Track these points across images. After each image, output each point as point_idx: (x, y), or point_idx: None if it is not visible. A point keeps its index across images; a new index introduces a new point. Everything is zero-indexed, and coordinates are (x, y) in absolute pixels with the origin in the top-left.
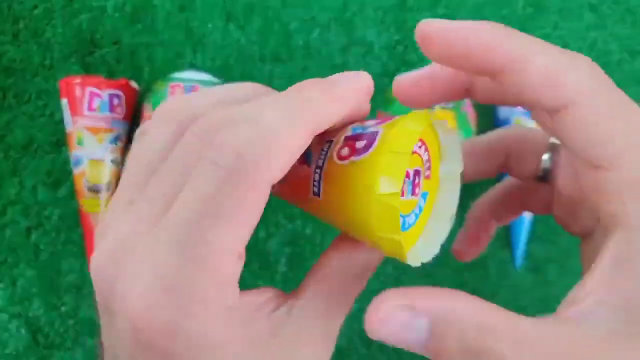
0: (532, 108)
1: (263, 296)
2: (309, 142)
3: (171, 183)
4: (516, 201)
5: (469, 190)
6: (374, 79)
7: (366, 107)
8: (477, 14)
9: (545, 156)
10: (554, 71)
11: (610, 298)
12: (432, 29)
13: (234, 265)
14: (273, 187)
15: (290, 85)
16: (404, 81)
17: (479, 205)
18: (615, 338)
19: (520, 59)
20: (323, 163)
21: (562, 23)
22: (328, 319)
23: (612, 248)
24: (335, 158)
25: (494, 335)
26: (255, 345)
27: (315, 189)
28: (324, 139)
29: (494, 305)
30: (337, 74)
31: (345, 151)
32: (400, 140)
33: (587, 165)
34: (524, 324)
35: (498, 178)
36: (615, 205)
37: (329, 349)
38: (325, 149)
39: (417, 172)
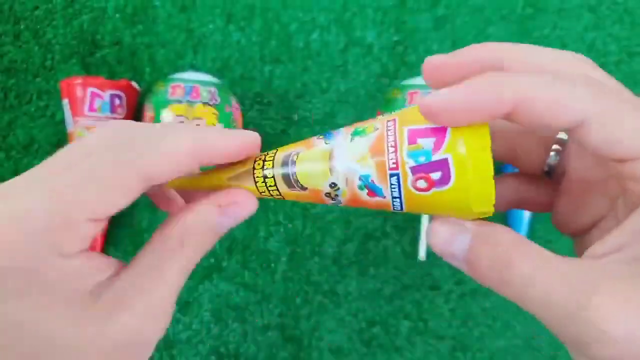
0: (550, 134)
1: (91, 264)
2: (189, 159)
3: None
4: (514, 195)
5: None
6: (373, 79)
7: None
8: (477, 14)
9: (552, 152)
10: (558, 101)
11: (632, 249)
12: (430, 106)
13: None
14: None
15: (290, 86)
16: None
17: None
18: (635, 279)
19: (526, 100)
20: (400, 194)
21: (561, 23)
22: (147, 287)
23: (634, 221)
24: (413, 190)
25: (521, 254)
26: (75, 309)
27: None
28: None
29: (526, 238)
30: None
31: (423, 184)
32: (478, 165)
33: (610, 160)
34: (549, 253)
35: (500, 169)
36: None
37: (153, 315)
38: (395, 182)
39: None
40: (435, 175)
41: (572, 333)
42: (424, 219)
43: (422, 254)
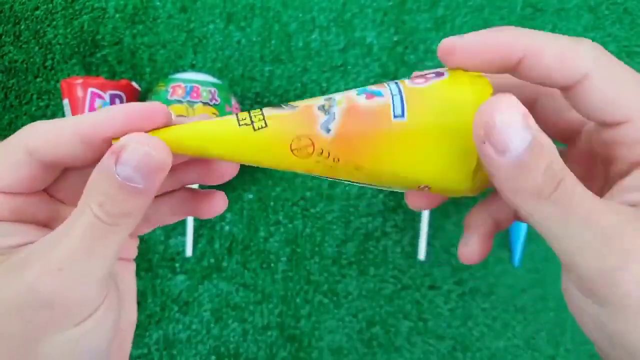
0: (552, 87)
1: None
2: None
3: None
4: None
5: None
6: (373, 79)
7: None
8: (477, 15)
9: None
10: (564, 53)
11: None
12: (453, 43)
13: None
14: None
15: (290, 86)
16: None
17: (478, 210)
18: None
19: (536, 49)
20: (400, 91)
21: (560, 24)
22: (48, 247)
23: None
24: (411, 85)
25: (572, 176)
26: None
27: (399, 111)
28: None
29: None
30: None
31: (420, 80)
32: (473, 76)
33: (604, 126)
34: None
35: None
36: (634, 151)
37: (52, 272)
38: (394, 84)
39: None
40: (430, 74)
41: (598, 284)
42: (424, 219)
43: (422, 254)
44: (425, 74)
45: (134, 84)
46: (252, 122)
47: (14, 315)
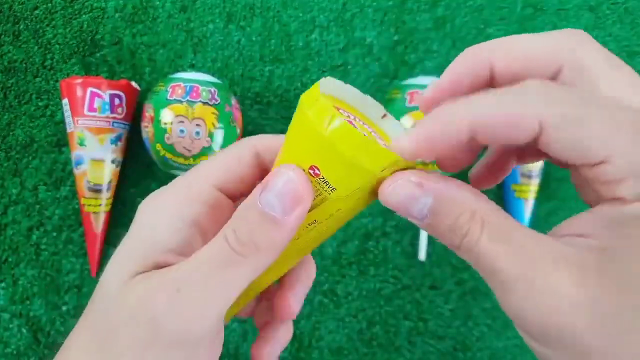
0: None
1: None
2: None
3: None
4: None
5: None
6: (373, 79)
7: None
8: (477, 15)
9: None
10: (510, 115)
11: (586, 240)
12: (399, 144)
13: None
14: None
15: (290, 86)
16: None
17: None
18: (587, 270)
19: (482, 123)
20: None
21: (560, 24)
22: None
23: (601, 212)
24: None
25: (481, 224)
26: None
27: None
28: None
29: (495, 206)
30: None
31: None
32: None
33: (577, 165)
34: (512, 223)
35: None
36: (613, 190)
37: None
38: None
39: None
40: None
41: (520, 305)
42: None
43: (422, 254)
44: None
45: (133, 83)
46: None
47: (127, 327)
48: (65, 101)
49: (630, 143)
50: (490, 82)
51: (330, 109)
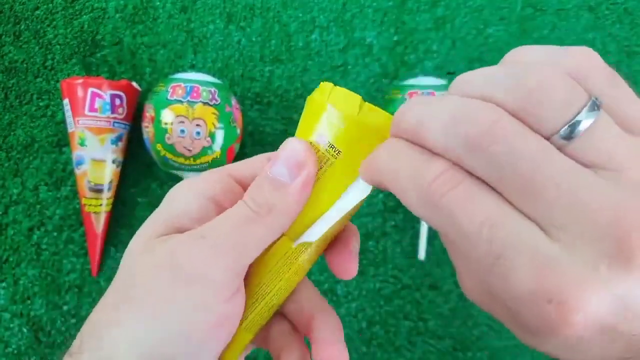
0: None
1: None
2: None
3: None
4: None
5: None
6: (373, 79)
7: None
8: (477, 15)
9: None
10: None
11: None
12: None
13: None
14: None
15: (290, 86)
16: None
17: None
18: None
19: None
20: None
21: (560, 24)
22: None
23: None
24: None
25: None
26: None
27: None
28: None
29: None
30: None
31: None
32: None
33: None
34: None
35: None
36: None
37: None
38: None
39: None
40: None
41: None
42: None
43: (421, 254)
44: None
45: (134, 84)
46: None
47: (151, 272)
48: (66, 101)
49: None
50: None
51: (329, 86)
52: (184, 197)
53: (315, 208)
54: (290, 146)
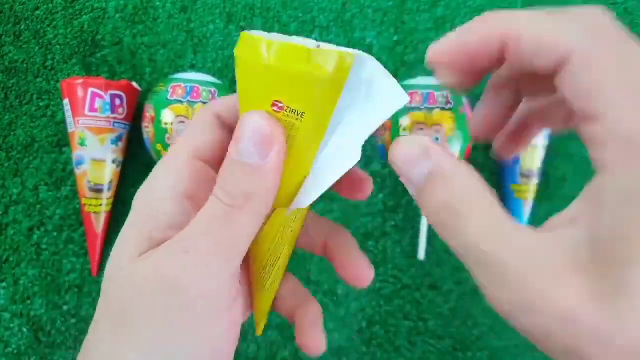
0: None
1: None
2: None
3: None
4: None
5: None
6: None
7: None
8: (477, 15)
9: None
10: (542, 37)
11: (577, 228)
12: (434, 53)
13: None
14: None
15: None
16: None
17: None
18: (571, 259)
19: (513, 36)
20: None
21: None
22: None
23: (589, 190)
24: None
25: (471, 203)
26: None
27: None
28: None
29: (490, 192)
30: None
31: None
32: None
33: (579, 116)
34: (499, 212)
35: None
36: (599, 154)
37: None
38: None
39: None
40: None
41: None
42: (424, 219)
43: (421, 254)
44: None
45: (134, 84)
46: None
47: (143, 298)
48: (66, 101)
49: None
50: (497, 56)
51: (259, 39)
52: (156, 202)
53: (296, 175)
54: (252, 122)
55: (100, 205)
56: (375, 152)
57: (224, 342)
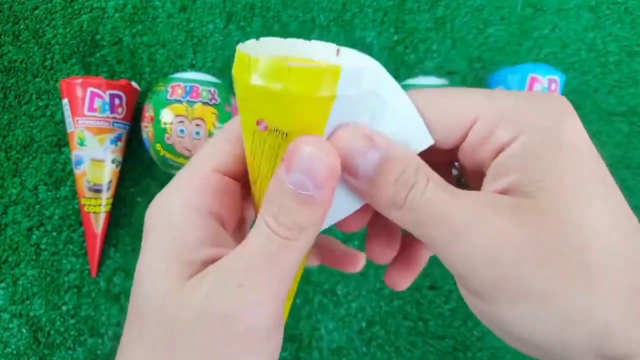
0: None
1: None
2: None
3: None
4: None
5: None
6: None
7: None
8: (477, 15)
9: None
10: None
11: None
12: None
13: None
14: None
15: None
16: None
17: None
18: (501, 210)
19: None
20: None
21: (560, 24)
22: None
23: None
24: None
25: (427, 177)
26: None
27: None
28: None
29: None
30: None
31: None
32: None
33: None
34: (450, 182)
35: None
36: (490, 143)
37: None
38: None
39: None
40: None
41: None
42: None
43: None
44: None
45: (133, 83)
46: None
47: (194, 327)
48: (65, 101)
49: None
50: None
51: (245, 57)
52: (181, 222)
53: None
54: (308, 152)
55: (100, 205)
56: None
57: None
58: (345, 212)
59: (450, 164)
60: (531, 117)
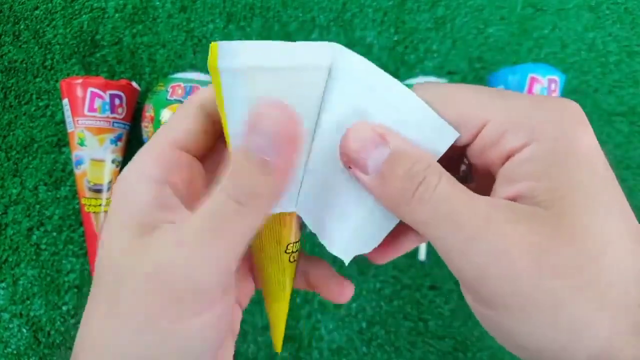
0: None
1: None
2: None
3: None
4: None
5: None
6: None
7: None
8: (477, 15)
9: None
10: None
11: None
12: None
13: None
14: None
15: None
16: None
17: None
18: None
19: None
20: None
21: (560, 23)
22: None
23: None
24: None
25: (439, 173)
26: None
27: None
28: None
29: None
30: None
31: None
32: None
33: (476, 145)
34: (460, 184)
35: None
36: (499, 147)
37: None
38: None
39: None
40: None
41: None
42: None
43: (422, 254)
44: None
45: (133, 83)
46: None
47: (137, 285)
48: (65, 101)
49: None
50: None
51: (213, 45)
52: (139, 188)
53: None
54: (271, 115)
55: (100, 205)
56: None
57: (213, 332)
58: (382, 233)
59: (457, 160)
60: (545, 124)
